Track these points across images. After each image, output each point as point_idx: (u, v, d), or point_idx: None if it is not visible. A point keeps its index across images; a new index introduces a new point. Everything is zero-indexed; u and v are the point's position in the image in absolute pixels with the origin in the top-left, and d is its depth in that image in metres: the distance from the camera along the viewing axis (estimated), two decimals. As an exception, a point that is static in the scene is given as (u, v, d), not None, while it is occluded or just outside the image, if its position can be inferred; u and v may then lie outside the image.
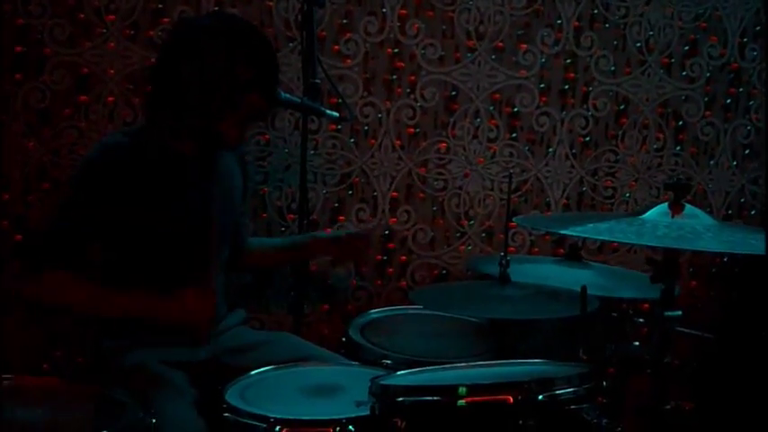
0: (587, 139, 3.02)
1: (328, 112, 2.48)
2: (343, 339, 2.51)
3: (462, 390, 1.58)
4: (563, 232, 1.64)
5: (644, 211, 1.76)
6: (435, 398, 1.61)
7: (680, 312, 1.73)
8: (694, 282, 3.14)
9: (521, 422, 1.58)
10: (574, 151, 3.01)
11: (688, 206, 1.73)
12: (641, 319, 2.60)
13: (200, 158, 2.17)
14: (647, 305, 2.92)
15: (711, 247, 1.57)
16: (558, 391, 1.61)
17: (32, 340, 2.70)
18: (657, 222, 1.69)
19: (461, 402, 1.58)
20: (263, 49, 2.10)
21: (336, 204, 2.87)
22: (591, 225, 1.65)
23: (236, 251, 2.41)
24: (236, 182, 2.34)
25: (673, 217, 1.71)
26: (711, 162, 3.12)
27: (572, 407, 1.61)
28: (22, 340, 2.68)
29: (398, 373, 1.85)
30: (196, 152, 2.16)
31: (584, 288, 1.82)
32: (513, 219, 2.02)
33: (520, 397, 1.57)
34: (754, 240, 1.62)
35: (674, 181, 1.74)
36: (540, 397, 1.58)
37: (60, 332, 2.71)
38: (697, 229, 1.65)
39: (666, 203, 1.74)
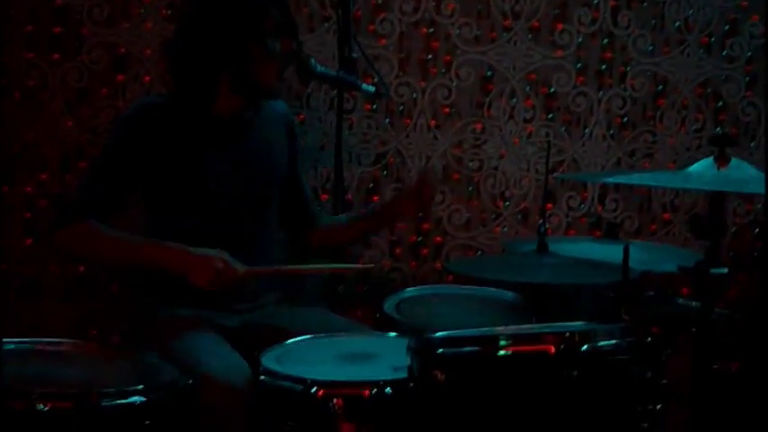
0: (625, 119, 2.97)
1: (364, 86, 2.47)
2: (377, 315, 2.47)
3: (503, 340, 1.55)
4: (607, 180, 1.61)
5: (688, 166, 1.74)
6: (476, 348, 1.58)
7: (726, 270, 1.69)
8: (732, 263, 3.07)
9: (563, 373, 1.54)
10: (611, 132, 2.96)
11: (734, 159, 1.69)
12: (680, 299, 2.53)
13: (237, 119, 2.20)
14: (685, 289, 2.86)
15: (759, 190, 1.54)
16: (600, 343, 1.58)
17: (67, 321, 2.71)
18: (703, 173, 1.66)
19: (502, 352, 1.55)
20: None
21: (371, 184, 2.86)
22: (636, 174, 1.62)
23: (303, 225, 2.43)
24: (279, 146, 2.33)
25: (719, 169, 1.68)
26: (752, 144, 3.06)
27: (615, 359, 1.57)
28: (57, 321, 2.70)
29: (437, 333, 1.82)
30: (236, 110, 2.18)
31: (626, 246, 1.79)
32: (554, 175, 1.98)
33: (562, 346, 1.54)
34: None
35: (719, 134, 1.70)
36: (583, 348, 1.55)
37: (95, 311, 2.72)
38: (743, 179, 1.61)
39: (712, 157, 1.71)
